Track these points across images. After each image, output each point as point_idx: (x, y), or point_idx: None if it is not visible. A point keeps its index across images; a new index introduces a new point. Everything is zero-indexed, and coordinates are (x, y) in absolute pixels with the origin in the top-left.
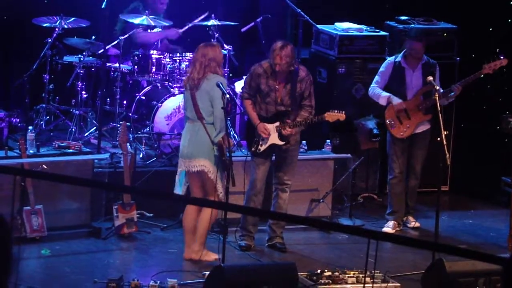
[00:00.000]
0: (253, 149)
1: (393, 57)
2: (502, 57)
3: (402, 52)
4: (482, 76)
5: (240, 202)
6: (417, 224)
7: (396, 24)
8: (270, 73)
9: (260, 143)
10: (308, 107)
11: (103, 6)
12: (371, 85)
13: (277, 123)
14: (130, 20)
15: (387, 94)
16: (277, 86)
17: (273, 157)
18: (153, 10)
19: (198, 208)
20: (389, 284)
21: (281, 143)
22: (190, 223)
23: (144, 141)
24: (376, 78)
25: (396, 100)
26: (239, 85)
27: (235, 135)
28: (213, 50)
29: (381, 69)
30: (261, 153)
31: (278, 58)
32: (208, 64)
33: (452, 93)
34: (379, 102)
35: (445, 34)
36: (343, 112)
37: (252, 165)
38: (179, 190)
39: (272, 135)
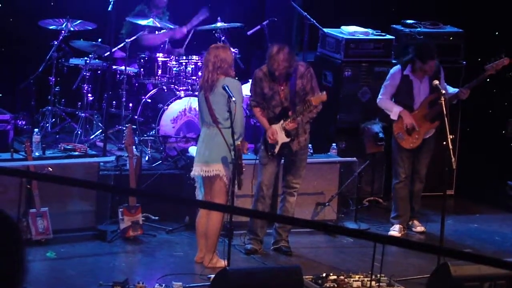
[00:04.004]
0: (269, 153)
1: (398, 67)
2: (504, 57)
3: (409, 65)
4: (487, 79)
5: (247, 205)
6: (423, 228)
7: (403, 28)
8: (270, 76)
9: (274, 146)
10: None
11: (109, 9)
12: (380, 96)
13: (281, 122)
14: (137, 22)
15: (399, 109)
16: (280, 88)
17: (282, 160)
18: (155, 6)
19: (208, 212)
20: None
21: (287, 139)
22: (202, 227)
23: (150, 144)
24: (383, 90)
25: (406, 117)
26: (245, 88)
27: None
28: (224, 51)
29: (386, 81)
30: (270, 157)
31: (276, 64)
32: (220, 66)
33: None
34: (390, 116)
35: (451, 38)
36: (324, 92)
37: (259, 169)
38: (201, 196)
39: (280, 135)
